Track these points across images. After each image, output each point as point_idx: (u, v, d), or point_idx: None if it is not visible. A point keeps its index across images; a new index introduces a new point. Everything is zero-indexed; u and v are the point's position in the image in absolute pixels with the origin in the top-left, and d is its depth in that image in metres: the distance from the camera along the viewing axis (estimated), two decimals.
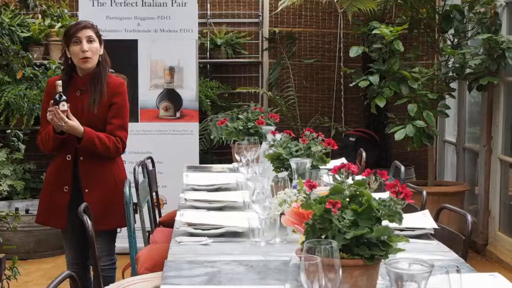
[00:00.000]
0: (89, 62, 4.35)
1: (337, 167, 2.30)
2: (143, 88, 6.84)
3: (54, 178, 4.48)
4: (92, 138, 4.30)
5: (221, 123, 5.72)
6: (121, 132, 4.43)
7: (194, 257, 2.93)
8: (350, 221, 2.12)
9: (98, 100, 4.34)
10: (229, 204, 3.94)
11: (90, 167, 4.41)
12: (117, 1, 6.81)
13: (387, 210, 2.13)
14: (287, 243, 3.17)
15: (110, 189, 4.43)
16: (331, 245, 1.99)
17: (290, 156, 3.67)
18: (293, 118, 8.14)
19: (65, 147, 4.39)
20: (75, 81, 4.41)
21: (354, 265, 2.11)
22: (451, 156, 8.17)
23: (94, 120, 4.35)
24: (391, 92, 6.50)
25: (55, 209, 4.44)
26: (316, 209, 2.15)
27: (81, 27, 4.37)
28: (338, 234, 2.12)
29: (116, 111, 4.42)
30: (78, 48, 4.31)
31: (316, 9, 8.38)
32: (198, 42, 7.01)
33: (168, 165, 6.61)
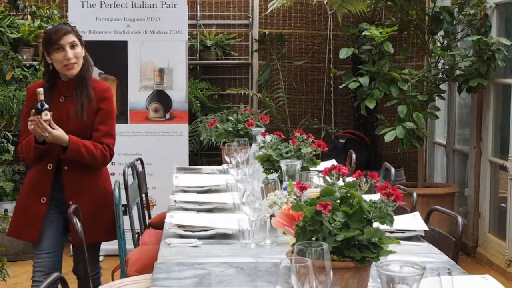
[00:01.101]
0: (74, 68, 4.14)
1: (327, 169, 2.29)
2: (133, 89, 6.82)
3: (32, 187, 4.24)
4: (78, 147, 4.09)
5: (211, 125, 5.70)
6: (108, 139, 4.23)
7: (184, 259, 2.92)
8: (341, 223, 2.11)
9: (86, 104, 4.14)
10: (219, 206, 3.93)
11: (75, 178, 4.19)
12: (106, 2, 6.79)
13: (378, 212, 2.12)
14: (277, 245, 3.16)
15: (96, 201, 4.24)
16: (322, 247, 1.98)
17: (280, 157, 3.66)
18: (283, 119, 8.14)
19: (47, 156, 4.16)
20: (58, 87, 4.20)
21: (345, 267, 2.11)
22: (441, 158, 8.18)
23: (81, 127, 4.15)
24: (381, 93, 6.50)
25: (30, 220, 4.20)
26: (306, 211, 2.14)
27: (63, 33, 4.12)
28: (329, 236, 2.11)
29: (103, 117, 4.22)
30: (62, 56, 4.10)
31: (306, 11, 8.37)
32: (188, 43, 6.99)
33: (157, 167, 6.60)
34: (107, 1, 6.79)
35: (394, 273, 1.75)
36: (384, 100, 6.76)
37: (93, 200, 4.21)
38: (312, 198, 2.20)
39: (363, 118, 7.65)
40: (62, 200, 4.17)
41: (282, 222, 2.63)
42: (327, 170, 2.29)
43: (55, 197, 4.19)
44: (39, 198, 4.18)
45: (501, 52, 6.30)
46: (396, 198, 2.10)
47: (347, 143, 7.60)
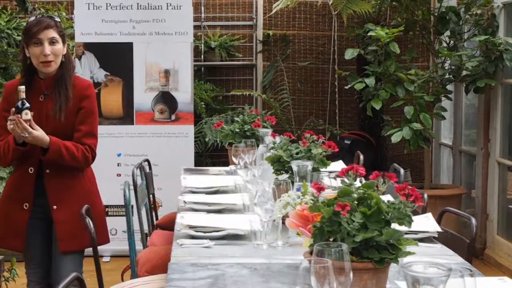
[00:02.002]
0: (51, 66, 3.87)
1: (344, 170, 2.28)
2: (139, 90, 6.82)
3: (13, 193, 3.96)
4: (58, 149, 3.81)
5: (217, 126, 5.70)
6: (90, 139, 3.95)
7: (197, 260, 2.91)
8: (359, 223, 2.10)
9: (64, 105, 3.86)
10: (228, 207, 3.92)
11: (58, 181, 3.92)
12: (112, 4, 6.78)
13: (396, 213, 2.11)
14: (289, 246, 3.15)
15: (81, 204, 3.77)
16: (342, 248, 1.97)
17: (290, 158, 3.66)
18: (288, 120, 8.13)
19: (27, 159, 3.89)
20: (37, 85, 3.92)
21: (363, 268, 2.10)
22: (447, 159, 8.16)
23: (60, 127, 3.87)
24: (387, 94, 6.49)
25: (13, 229, 3.94)
26: (324, 212, 2.13)
27: (43, 27, 3.84)
28: (347, 237, 2.10)
29: (84, 117, 3.94)
30: (39, 50, 3.83)
31: (310, 12, 8.37)
32: (193, 44, 6.99)
33: (163, 168, 6.59)
34: (112, 3, 6.78)
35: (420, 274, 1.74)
36: (390, 101, 6.75)
37: (78, 204, 3.81)
38: (330, 199, 2.19)
39: (369, 119, 7.63)
40: (46, 205, 3.91)
41: (296, 223, 2.63)
42: (344, 171, 2.28)
43: (38, 202, 3.92)
44: (21, 204, 3.92)
45: (509, 52, 6.27)
46: (415, 199, 2.09)
47: (352, 144, 7.59)
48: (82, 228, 3.72)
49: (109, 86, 6.81)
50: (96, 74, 6.80)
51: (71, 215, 3.83)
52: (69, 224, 3.88)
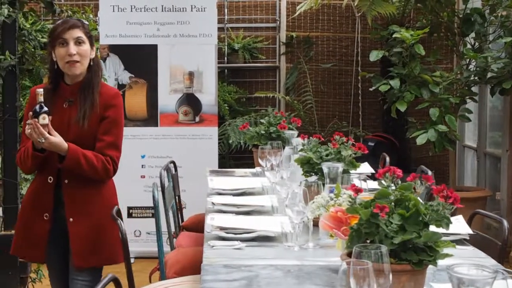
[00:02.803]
0: (77, 67, 3.68)
1: (382, 171, 2.28)
2: (163, 92, 6.84)
3: (33, 203, 3.77)
4: (77, 157, 3.60)
5: (243, 128, 5.71)
6: (112, 151, 3.72)
7: (229, 261, 2.91)
8: (398, 225, 2.10)
9: (88, 113, 3.67)
10: (256, 209, 3.92)
11: (76, 192, 3.71)
12: (137, 6, 6.82)
13: (435, 215, 2.11)
14: (319, 247, 3.15)
15: (100, 219, 3.73)
16: (381, 250, 1.97)
17: (320, 160, 3.66)
18: (311, 122, 8.13)
19: (46, 167, 3.71)
20: (62, 91, 3.75)
21: (402, 270, 2.09)
22: (471, 161, 8.13)
23: (82, 136, 3.67)
24: (412, 96, 6.47)
25: (33, 239, 3.75)
26: (362, 214, 2.13)
27: (68, 26, 3.67)
28: (385, 239, 2.10)
29: (108, 127, 3.73)
30: (64, 51, 3.65)
31: (333, 14, 8.37)
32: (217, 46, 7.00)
33: (187, 170, 6.60)
34: (137, 5, 6.82)
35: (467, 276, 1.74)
36: (414, 102, 6.73)
37: (96, 217, 3.71)
38: (367, 201, 2.19)
39: (393, 121, 7.61)
40: (63, 217, 3.72)
41: (329, 225, 2.63)
42: (382, 173, 2.28)
43: (56, 214, 3.73)
44: (42, 214, 3.72)
45: None
46: (454, 201, 2.09)
47: (376, 146, 7.58)
48: (99, 244, 3.70)
49: (134, 88, 6.84)
50: (120, 76, 6.83)
51: (88, 229, 3.68)
52: (85, 239, 3.69)
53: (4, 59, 4.90)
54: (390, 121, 7.77)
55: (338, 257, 2.83)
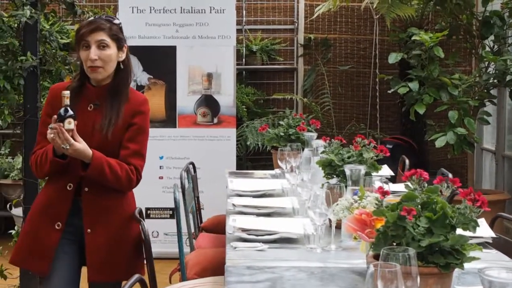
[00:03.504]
0: (99, 73, 3.46)
1: (408, 174, 2.28)
2: (181, 94, 6.86)
3: (45, 210, 3.51)
4: (101, 166, 3.40)
5: (262, 129, 5.72)
6: (137, 160, 3.52)
7: (252, 263, 2.91)
8: (425, 228, 2.10)
9: (114, 120, 3.47)
10: (277, 210, 3.92)
11: (96, 202, 3.49)
12: (156, 7, 6.84)
13: (462, 218, 2.11)
14: (342, 250, 3.15)
15: (118, 230, 3.54)
16: (409, 253, 1.97)
17: (342, 162, 3.66)
18: (329, 124, 8.12)
19: (65, 174, 3.47)
20: (88, 92, 3.53)
21: (429, 273, 2.09)
22: (489, 164, 8.10)
23: (106, 143, 3.47)
24: (431, 99, 6.46)
25: (40, 249, 3.48)
26: (389, 216, 2.13)
27: (91, 29, 3.45)
28: (412, 241, 2.10)
29: (134, 134, 3.52)
30: (86, 55, 3.44)
31: (351, 16, 8.36)
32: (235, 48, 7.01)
33: (205, 171, 6.61)
34: (156, 7, 6.84)
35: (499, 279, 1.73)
36: (432, 105, 6.72)
37: (114, 229, 3.52)
38: (393, 204, 2.19)
39: (411, 124, 7.60)
40: (79, 227, 3.50)
41: (354, 227, 2.63)
42: (408, 175, 2.28)
43: (71, 223, 3.50)
44: (53, 223, 3.48)
45: None
46: (482, 204, 2.09)
47: (394, 148, 7.55)
48: (117, 257, 3.50)
49: (152, 89, 6.86)
50: (139, 77, 6.85)
51: (106, 241, 3.48)
52: (102, 252, 3.48)
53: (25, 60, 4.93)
54: (408, 124, 7.76)
55: (360, 260, 2.84)
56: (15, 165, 7.65)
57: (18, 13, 4.80)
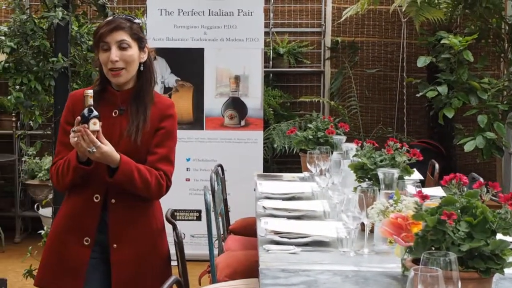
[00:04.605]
0: (121, 76, 3.26)
1: (447, 178, 2.27)
2: (209, 96, 6.87)
3: (71, 225, 3.29)
4: (129, 170, 3.17)
5: (291, 132, 5.71)
6: (166, 165, 3.32)
7: (286, 266, 2.92)
8: (465, 233, 2.09)
9: (142, 125, 3.26)
10: (308, 213, 3.92)
11: (122, 215, 3.28)
12: (184, 10, 6.86)
13: (503, 223, 2.09)
14: (375, 254, 3.15)
15: (145, 245, 3.34)
16: (450, 257, 1.96)
17: (374, 166, 3.64)
18: (356, 128, 8.10)
19: (91, 184, 3.25)
20: (111, 97, 3.33)
21: (469, 278, 2.09)
22: None
23: (134, 150, 3.25)
24: (460, 103, 6.43)
25: (71, 267, 3.26)
26: (429, 220, 2.12)
27: (111, 28, 3.24)
28: (452, 246, 2.09)
29: (162, 138, 3.32)
30: (106, 56, 3.23)
31: (379, 19, 8.33)
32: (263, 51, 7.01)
33: (232, 173, 6.59)
34: (184, 9, 6.86)
35: None
36: (461, 109, 6.68)
37: (141, 244, 3.33)
38: (433, 208, 2.18)
39: (438, 128, 7.56)
40: (105, 242, 3.30)
41: (389, 231, 2.62)
42: (448, 180, 2.27)
43: (97, 238, 3.30)
44: (81, 238, 3.26)
45: None
46: None
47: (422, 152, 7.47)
48: (143, 275, 3.32)
49: (180, 91, 6.88)
50: (167, 79, 6.87)
51: (132, 256, 3.29)
52: (128, 267, 3.28)
53: (57, 61, 4.96)
54: (435, 128, 7.72)
55: (394, 264, 2.84)
56: (43, 165, 7.69)
57: (50, 14, 4.84)
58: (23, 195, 8.06)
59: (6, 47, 5.10)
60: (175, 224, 3.27)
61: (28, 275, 5.32)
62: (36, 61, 5.05)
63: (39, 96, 5.10)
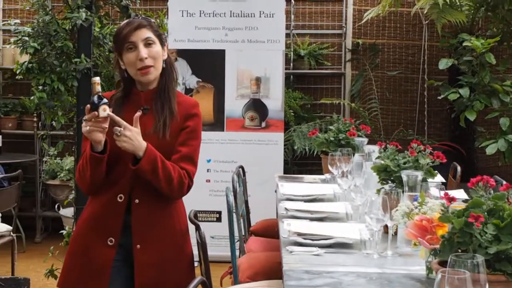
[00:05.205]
0: (151, 73, 3.23)
1: (474, 180, 2.26)
2: (230, 97, 6.89)
3: (95, 225, 3.24)
4: (155, 160, 3.10)
5: (312, 134, 5.70)
6: (188, 165, 3.26)
7: (309, 267, 2.91)
8: (492, 235, 2.08)
9: (169, 121, 3.22)
10: (330, 215, 3.91)
11: (146, 215, 3.23)
12: (206, 11, 6.88)
13: None
14: (398, 256, 3.13)
15: (169, 246, 3.30)
16: (478, 260, 1.95)
17: (397, 168, 3.63)
18: (376, 130, 8.08)
19: (116, 183, 3.22)
20: (135, 98, 3.30)
21: (496, 281, 2.07)
22: None
23: (162, 147, 3.17)
24: (482, 105, 6.41)
25: (95, 269, 3.22)
26: (456, 223, 2.12)
27: (134, 27, 3.21)
28: (479, 248, 2.08)
29: (186, 137, 3.27)
30: (134, 56, 3.19)
31: (400, 21, 8.32)
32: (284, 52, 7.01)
33: (252, 175, 6.59)
34: (206, 10, 6.88)
35: None
36: (483, 112, 6.66)
37: (164, 245, 3.28)
38: (459, 210, 2.17)
39: (459, 130, 7.54)
40: (128, 243, 3.24)
41: (414, 233, 2.61)
42: (475, 182, 2.26)
43: (121, 240, 3.24)
44: (105, 239, 3.22)
45: None
46: None
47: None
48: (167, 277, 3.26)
49: (201, 92, 6.90)
50: (188, 80, 6.89)
51: (156, 258, 3.23)
52: (151, 269, 3.22)
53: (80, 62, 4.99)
54: (456, 130, 7.69)
55: (418, 266, 2.83)
56: (64, 166, 7.73)
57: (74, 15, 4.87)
58: (43, 195, 8.12)
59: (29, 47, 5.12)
60: (199, 224, 3.27)
61: (50, 275, 5.35)
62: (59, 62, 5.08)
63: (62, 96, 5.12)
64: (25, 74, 5.24)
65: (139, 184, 3.19)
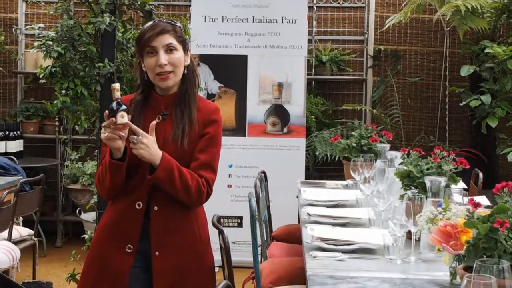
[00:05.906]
0: (170, 79, 3.19)
1: (499, 186, 2.27)
2: (252, 103, 6.91)
3: (114, 232, 3.21)
4: (170, 168, 3.07)
5: (334, 140, 5.71)
6: (208, 172, 3.21)
7: (333, 272, 2.92)
8: None
9: (187, 129, 3.16)
10: (353, 221, 3.92)
11: (164, 222, 3.18)
12: (228, 17, 6.90)
13: None
14: (422, 261, 3.14)
15: (188, 253, 3.23)
16: (503, 265, 1.96)
17: (421, 174, 3.64)
18: (398, 136, 8.07)
19: (133, 190, 3.18)
20: (154, 102, 3.25)
21: None
22: None
23: (180, 155, 3.14)
24: (503, 112, 6.40)
25: (113, 275, 3.19)
26: (481, 228, 2.12)
27: (157, 32, 3.18)
28: (504, 254, 2.09)
29: (206, 144, 3.22)
30: (154, 61, 3.15)
31: (422, 28, 8.31)
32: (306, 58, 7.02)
33: (273, 180, 6.57)
34: (228, 16, 6.90)
35: None
36: (504, 119, 6.64)
37: (184, 252, 3.22)
38: (484, 216, 2.18)
39: (480, 137, 7.52)
40: (147, 250, 3.19)
41: (438, 239, 2.62)
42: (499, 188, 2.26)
43: (140, 247, 3.20)
44: (124, 246, 3.18)
45: None
46: None
47: None
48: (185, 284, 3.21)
49: (223, 97, 6.92)
50: (210, 85, 6.92)
51: (174, 265, 3.18)
52: (170, 276, 3.18)
53: (103, 66, 5.02)
54: (477, 137, 7.67)
55: (441, 272, 2.84)
56: (85, 170, 7.77)
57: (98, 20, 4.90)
58: (64, 200, 8.15)
59: (53, 52, 5.15)
60: (222, 229, 3.27)
61: (71, 279, 5.37)
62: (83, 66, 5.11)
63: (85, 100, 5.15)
64: (48, 78, 5.26)
65: (158, 191, 3.16)
